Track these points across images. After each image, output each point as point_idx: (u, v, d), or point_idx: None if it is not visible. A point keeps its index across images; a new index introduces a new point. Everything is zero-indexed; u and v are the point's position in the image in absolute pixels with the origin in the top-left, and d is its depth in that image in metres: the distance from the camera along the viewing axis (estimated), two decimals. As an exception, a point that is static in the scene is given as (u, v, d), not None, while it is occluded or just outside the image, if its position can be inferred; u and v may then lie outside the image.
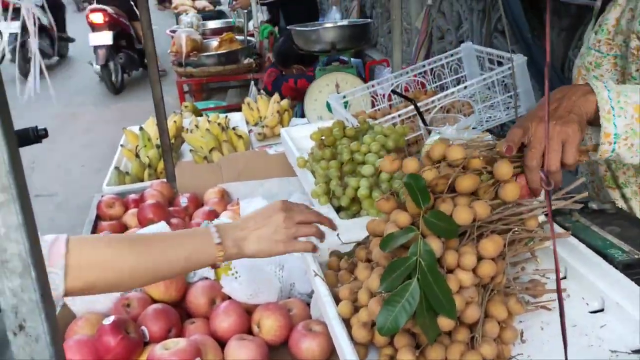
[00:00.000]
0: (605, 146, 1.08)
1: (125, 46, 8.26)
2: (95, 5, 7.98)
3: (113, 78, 8.04)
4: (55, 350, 0.47)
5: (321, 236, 1.17)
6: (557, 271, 0.63)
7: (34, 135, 1.96)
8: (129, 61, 8.28)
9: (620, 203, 1.49)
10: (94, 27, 7.79)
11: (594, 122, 1.09)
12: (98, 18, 7.74)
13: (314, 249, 1.14)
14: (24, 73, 7.17)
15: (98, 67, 7.87)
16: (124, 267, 1.01)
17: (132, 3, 8.32)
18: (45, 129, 1.99)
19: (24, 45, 7.26)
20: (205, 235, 1.08)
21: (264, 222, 1.11)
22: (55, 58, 9.72)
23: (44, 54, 8.86)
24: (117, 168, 2.25)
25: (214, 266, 1.08)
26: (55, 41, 9.50)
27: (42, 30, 8.58)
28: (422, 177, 0.99)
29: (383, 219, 1.10)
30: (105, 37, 7.69)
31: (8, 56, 9.35)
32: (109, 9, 7.87)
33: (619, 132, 1.07)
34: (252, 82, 4.85)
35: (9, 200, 0.42)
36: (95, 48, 7.77)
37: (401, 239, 0.95)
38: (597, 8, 1.51)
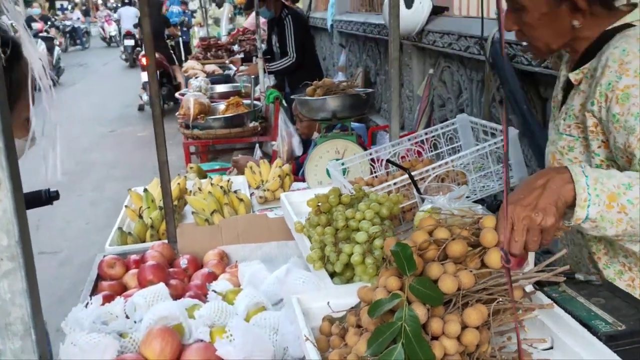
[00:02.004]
0: (572, 223, 1.18)
1: (165, 83, 10.55)
2: None
3: None
4: (49, 408, 0.50)
5: None
6: (519, 346, 0.66)
7: (46, 197, 2.03)
8: (168, 94, 10.40)
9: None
10: (144, 68, 9.74)
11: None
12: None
13: None
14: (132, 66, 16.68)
15: (147, 97, 10.03)
16: None
17: (171, 51, 11.35)
18: (56, 191, 2.05)
19: (133, 52, 15.15)
20: None
21: None
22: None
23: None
24: (120, 228, 2.29)
25: None
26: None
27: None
28: (409, 246, 1.04)
29: (373, 287, 1.14)
30: None
31: (124, 56, 17.10)
32: (156, 54, 9.15)
33: (590, 217, 1.16)
34: (257, 145, 4.95)
35: (15, 268, 0.46)
36: (146, 83, 9.57)
37: (388, 305, 0.98)
38: (559, 101, 1.63)
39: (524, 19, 1.46)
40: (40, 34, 17.47)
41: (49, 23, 21.13)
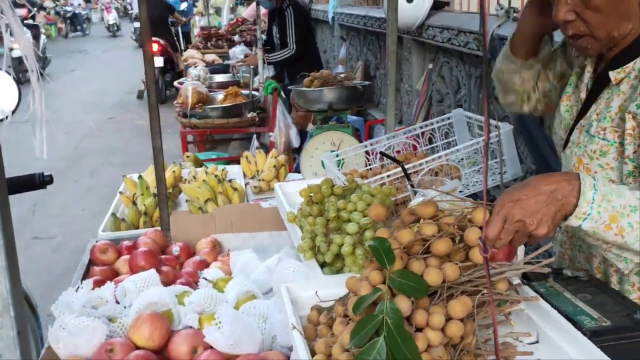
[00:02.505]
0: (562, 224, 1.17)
1: (169, 69, 10.83)
2: (153, 38, 10.88)
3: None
4: (28, 383, 0.51)
5: None
6: (495, 336, 0.67)
7: (39, 181, 2.03)
8: (172, 79, 10.43)
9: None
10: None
11: None
12: (154, 47, 9.83)
13: None
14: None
15: None
16: None
17: (175, 38, 11.38)
18: (50, 175, 2.06)
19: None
20: None
21: None
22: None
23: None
24: (114, 214, 2.30)
25: None
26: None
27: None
28: (387, 240, 1.04)
29: (361, 278, 1.15)
30: (158, 61, 9.76)
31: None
32: (161, 41, 10.27)
33: (582, 229, 1.15)
34: (254, 136, 4.95)
35: (-5, 245, 0.47)
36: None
37: (370, 299, 0.99)
38: (581, 99, 1.52)
39: (588, 3, 1.31)
40: (25, 21, 14.95)
41: (35, 8, 19.65)
